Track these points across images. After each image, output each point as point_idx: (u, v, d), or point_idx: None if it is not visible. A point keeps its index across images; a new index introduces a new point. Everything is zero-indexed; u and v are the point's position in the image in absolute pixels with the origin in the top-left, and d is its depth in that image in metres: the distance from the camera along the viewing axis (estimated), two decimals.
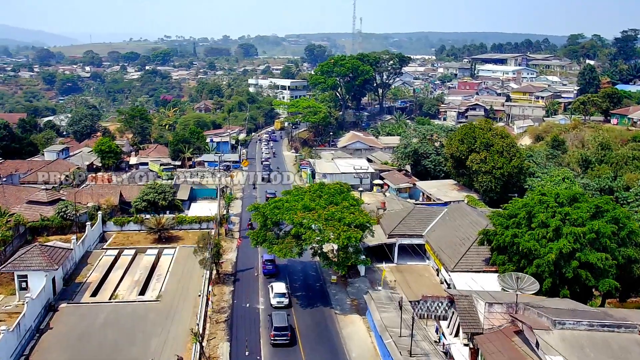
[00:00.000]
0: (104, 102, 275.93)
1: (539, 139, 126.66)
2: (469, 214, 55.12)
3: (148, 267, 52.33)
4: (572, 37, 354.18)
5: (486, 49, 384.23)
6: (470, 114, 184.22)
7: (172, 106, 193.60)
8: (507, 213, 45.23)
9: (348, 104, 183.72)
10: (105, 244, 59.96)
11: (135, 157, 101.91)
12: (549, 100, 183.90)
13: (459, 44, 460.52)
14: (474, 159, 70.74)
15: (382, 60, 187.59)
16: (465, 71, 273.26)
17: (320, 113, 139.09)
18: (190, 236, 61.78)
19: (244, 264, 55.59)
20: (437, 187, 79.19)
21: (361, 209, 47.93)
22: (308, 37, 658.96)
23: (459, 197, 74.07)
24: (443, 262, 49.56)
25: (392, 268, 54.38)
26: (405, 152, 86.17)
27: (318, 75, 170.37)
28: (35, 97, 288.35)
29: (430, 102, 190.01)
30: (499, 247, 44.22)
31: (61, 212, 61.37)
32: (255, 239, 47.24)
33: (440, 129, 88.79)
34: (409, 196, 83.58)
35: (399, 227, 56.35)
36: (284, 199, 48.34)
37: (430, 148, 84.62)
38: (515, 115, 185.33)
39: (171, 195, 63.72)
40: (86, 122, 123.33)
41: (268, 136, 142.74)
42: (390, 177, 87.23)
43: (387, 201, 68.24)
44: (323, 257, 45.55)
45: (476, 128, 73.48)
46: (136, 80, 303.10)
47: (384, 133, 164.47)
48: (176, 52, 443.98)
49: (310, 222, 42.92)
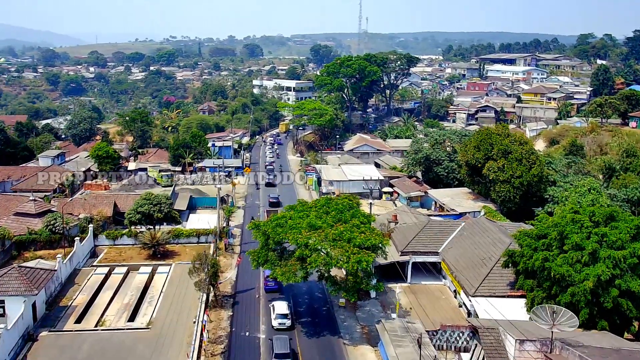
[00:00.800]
0: (108, 103, 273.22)
1: (553, 142, 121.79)
2: (489, 230, 50.58)
3: (140, 288, 48.11)
4: (582, 37, 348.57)
5: (494, 49, 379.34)
6: (481, 116, 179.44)
7: (175, 108, 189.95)
8: (535, 232, 40.68)
9: (355, 106, 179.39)
10: (96, 259, 55.84)
11: (134, 163, 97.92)
12: (561, 102, 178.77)
13: (465, 44, 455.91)
14: (490, 167, 66.18)
15: (389, 60, 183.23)
16: (473, 71, 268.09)
17: (326, 115, 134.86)
18: (187, 251, 57.56)
19: (245, 284, 51.27)
20: (451, 196, 74.64)
21: (372, 226, 43.44)
22: (314, 37, 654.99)
23: (475, 207, 69.48)
24: (462, 284, 45.07)
25: (405, 288, 49.91)
26: (416, 158, 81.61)
27: (324, 76, 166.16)
28: (39, 98, 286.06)
29: (439, 104, 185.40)
30: (527, 271, 39.72)
31: (49, 225, 57.34)
32: (256, 260, 42.93)
33: (453, 133, 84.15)
34: (420, 205, 79.10)
35: (412, 244, 51.91)
36: (287, 215, 43.95)
37: (442, 154, 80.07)
38: (527, 117, 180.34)
39: (167, 206, 59.54)
40: (85, 125, 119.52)
41: (272, 139, 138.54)
42: (400, 184, 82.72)
43: (398, 213, 63.75)
44: (331, 282, 41.13)
45: (493, 134, 68.85)
46: (140, 81, 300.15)
47: (392, 136, 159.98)
48: (181, 52, 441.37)
49: (316, 243, 38.53)
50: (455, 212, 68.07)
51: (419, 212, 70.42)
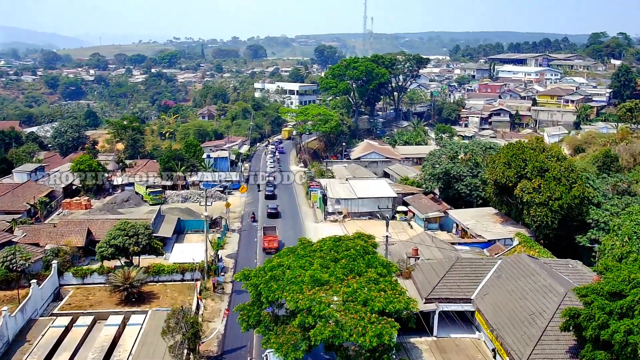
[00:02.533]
0: (107, 107, 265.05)
1: (578, 150, 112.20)
2: (533, 273, 41.16)
3: (105, 347, 38.98)
4: (594, 36, 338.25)
5: (502, 49, 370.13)
6: (495, 120, 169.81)
7: (173, 112, 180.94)
8: (607, 289, 31.30)
9: (361, 110, 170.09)
10: (58, 304, 46.79)
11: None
12: (579, 104, 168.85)
13: (472, 44, 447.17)
14: (524, 188, 56.75)
15: (397, 62, 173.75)
16: (483, 72, 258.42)
17: (331, 121, 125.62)
18: (169, 292, 48.52)
19: (235, 339, 42.00)
20: (475, 218, 65.19)
21: (394, 279, 34.13)
22: (318, 38, 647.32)
23: (505, 233, 60.06)
24: (507, 347, 35.71)
25: (430, 344, 40.69)
26: (433, 173, 72.13)
27: (329, 78, 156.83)
28: (37, 102, 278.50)
29: (450, 107, 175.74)
30: (597, 340, 30.39)
31: (6, 261, 48.39)
32: (246, 320, 33.78)
33: (476, 145, 74.53)
34: (439, 227, 69.73)
35: (438, 288, 42.58)
36: (285, 263, 34.66)
37: (464, 169, 70.58)
38: (543, 120, 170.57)
39: (146, 237, 50.41)
40: (71, 133, 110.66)
41: (274, 147, 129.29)
42: (416, 202, 73.33)
43: (417, 241, 54.51)
44: (342, 356, 31.73)
45: (526, 148, 59.38)
46: (140, 84, 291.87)
47: (401, 142, 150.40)
48: (184, 54, 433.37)
49: (322, 309, 29.27)
50: (483, 239, 58.70)
51: (438, 236, 61.14)
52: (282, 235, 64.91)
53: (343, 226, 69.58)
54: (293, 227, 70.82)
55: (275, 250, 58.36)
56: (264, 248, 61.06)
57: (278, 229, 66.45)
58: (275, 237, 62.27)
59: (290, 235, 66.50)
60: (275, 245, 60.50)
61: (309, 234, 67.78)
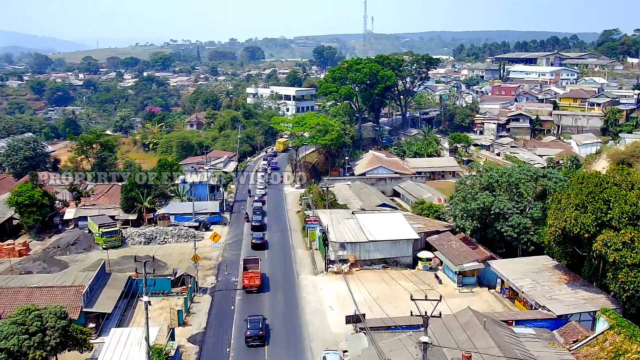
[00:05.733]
0: (95, 113, 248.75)
1: (622, 164, 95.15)
2: None
3: None
4: (606, 33, 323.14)
5: (509, 48, 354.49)
6: (513, 126, 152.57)
7: (157, 121, 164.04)
8: None
9: (365, 116, 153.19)
10: None
11: (74, 208, 72.03)
12: (607, 108, 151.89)
13: (474, 43, 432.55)
14: (609, 242, 39.84)
15: (405, 63, 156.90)
16: (493, 72, 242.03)
17: (332, 132, 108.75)
18: None
19: None
20: (529, 273, 48.02)
21: None
22: (317, 39, 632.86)
23: (580, 304, 42.82)
24: None
25: None
26: (467, 209, 54.99)
27: (329, 82, 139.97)
28: (21, 109, 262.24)
29: (463, 112, 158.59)
30: None
31: None
32: None
33: (523, 171, 57.16)
34: (477, 281, 52.78)
35: None
36: None
37: (509, 204, 53.52)
38: (567, 126, 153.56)
39: (59, 333, 33.58)
40: (26, 152, 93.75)
41: (266, 162, 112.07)
42: (444, 246, 56.28)
43: (463, 325, 37.61)
44: None
45: (608, 184, 42.39)
46: (130, 88, 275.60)
47: (411, 153, 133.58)
48: (179, 56, 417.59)
49: None
50: (550, 313, 41.64)
51: (478, 295, 44.24)
52: (272, 300, 48.42)
53: (350, 281, 52.73)
54: (284, 282, 54.03)
55: (257, 288, 50.90)
56: (244, 286, 51.56)
57: (263, 262, 54.96)
58: (257, 273, 51.95)
59: (280, 299, 49.95)
60: (257, 282, 51.43)
61: (305, 293, 50.93)
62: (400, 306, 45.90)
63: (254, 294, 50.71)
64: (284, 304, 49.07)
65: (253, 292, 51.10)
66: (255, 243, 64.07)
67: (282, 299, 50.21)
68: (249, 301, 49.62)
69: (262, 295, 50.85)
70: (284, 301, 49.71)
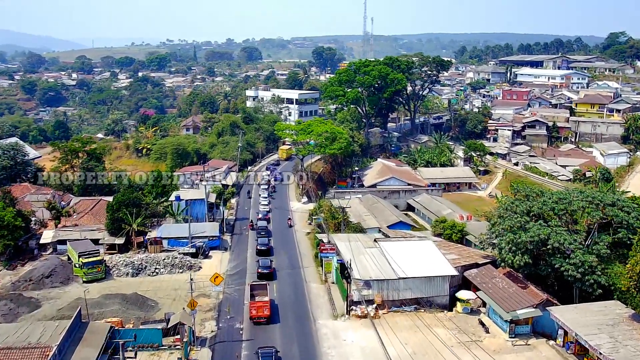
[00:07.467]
0: (88, 114, 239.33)
1: None
2: None
3: None
4: (613, 36, 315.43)
5: (512, 50, 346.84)
6: (529, 133, 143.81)
7: (151, 125, 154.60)
8: None
9: (372, 121, 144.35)
10: None
11: (53, 230, 62.89)
12: (627, 114, 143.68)
13: (474, 45, 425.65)
14: None
15: (414, 65, 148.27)
16: (500, 76, 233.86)
17: (340, 140, 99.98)
18: None
19: None
20: (605, 328, 39.12)
21: None
22: (314, 40, 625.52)
23: None
24: None
25: None
26: (518, 242, 45.94)
27: (335, 85, 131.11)
28: (11, 109, 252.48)
29: (476, 118, 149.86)
30: None
31: None
32: None
33: (587, 199, 47.65)
34: (532, 329, 43.94)
35: None
36: None
37: (570, 238, 44.66)
38: (585, 133, 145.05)
39: None
40: (4, 161, 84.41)
41: (269, 173, 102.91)
42: (489, 285, 47.31)
43: None
44: None
45: None
46: (124, 89, 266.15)
47: (422, 161, 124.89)
48: (175, 56, 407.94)
49: None
50: None
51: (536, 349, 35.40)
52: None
53: (378, 327, 43.84)
54: (298, 330, 45.02)
55: (266, 319, 45.61)
56: (251, 317, 46.24)
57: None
58: (265, 302, 46.38)
59: (295, 355, 40.97)
60: (265, 313, 46.06)
61: (326, 347, 41.86)
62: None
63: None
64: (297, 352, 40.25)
65: (262, 324, 45.38)
66: (261, 273, 55.49)
67: (296, 353, 41.22)
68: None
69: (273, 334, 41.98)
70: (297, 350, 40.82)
